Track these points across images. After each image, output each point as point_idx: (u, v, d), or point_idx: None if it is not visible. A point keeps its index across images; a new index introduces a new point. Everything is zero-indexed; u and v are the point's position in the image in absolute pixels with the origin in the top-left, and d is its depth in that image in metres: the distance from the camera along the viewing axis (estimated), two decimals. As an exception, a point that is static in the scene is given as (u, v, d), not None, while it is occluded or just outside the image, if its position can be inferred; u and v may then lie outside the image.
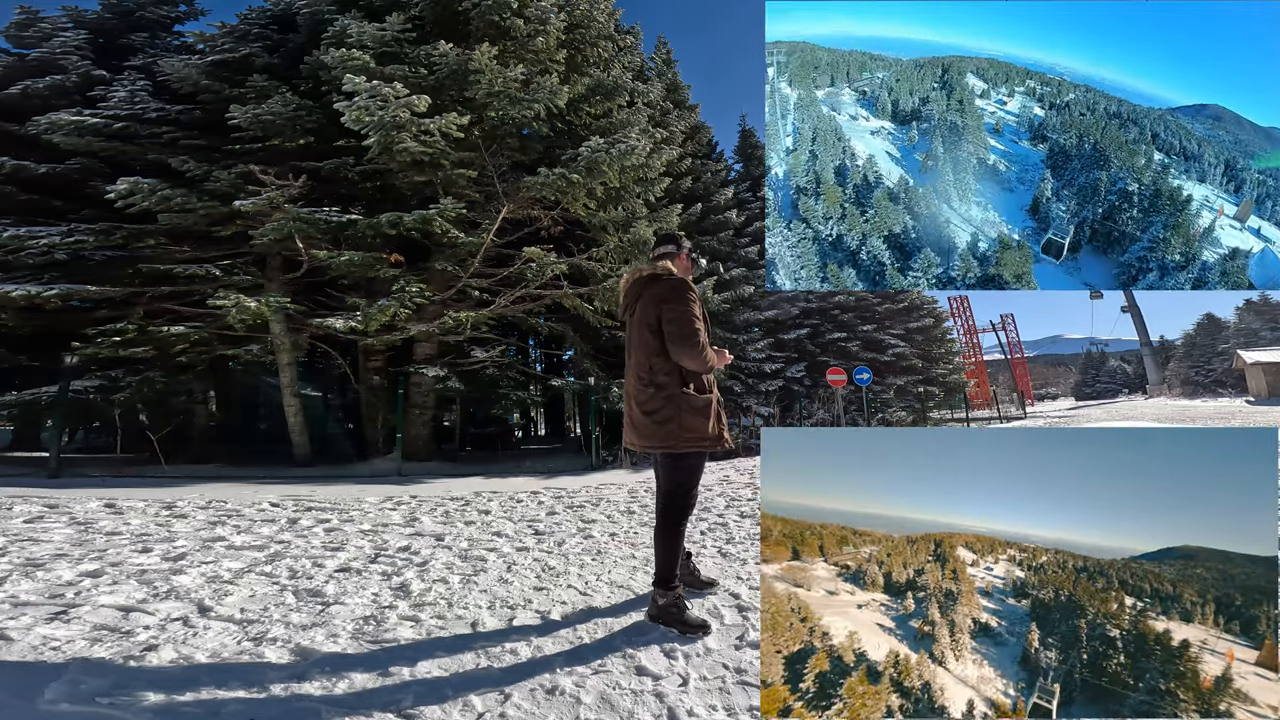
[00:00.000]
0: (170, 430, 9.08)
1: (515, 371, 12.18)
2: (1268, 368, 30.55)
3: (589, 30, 10.21)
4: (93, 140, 8.64)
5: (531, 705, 1.69)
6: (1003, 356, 54.82)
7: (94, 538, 3.60)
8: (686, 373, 2.32)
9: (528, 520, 4.63)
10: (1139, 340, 52.55)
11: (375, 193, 9.58)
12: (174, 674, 1.82)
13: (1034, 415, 33.09)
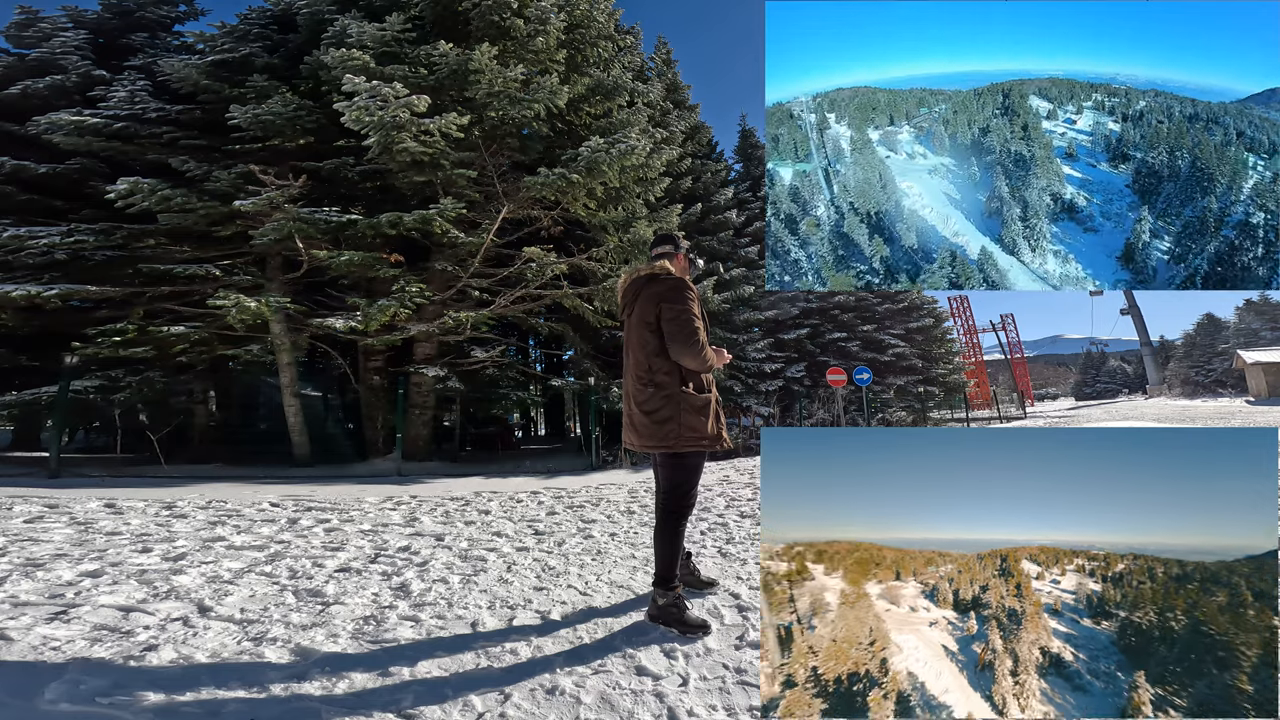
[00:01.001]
0: (170, 430, 9.08)
1: (515, 371, 12.18)
2: (1268, 368, 30.54)
3: (589, 30, 10.20)
4: (93, 140, 8.64)
5: (531, 705, 1.69)
6: (1002, 357, 54.85)
7: (94, 538, 3.60)
8: (686, 372, 2.32)
9: (528, 520, 4.63)
10: (1138, 341, 52.61)
11: (375, 193, 9.58)
12: (174, 674, 1.82)
13: (1034, 415, 33.09)
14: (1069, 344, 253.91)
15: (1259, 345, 34.95)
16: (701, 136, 16.63)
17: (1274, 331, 36.10)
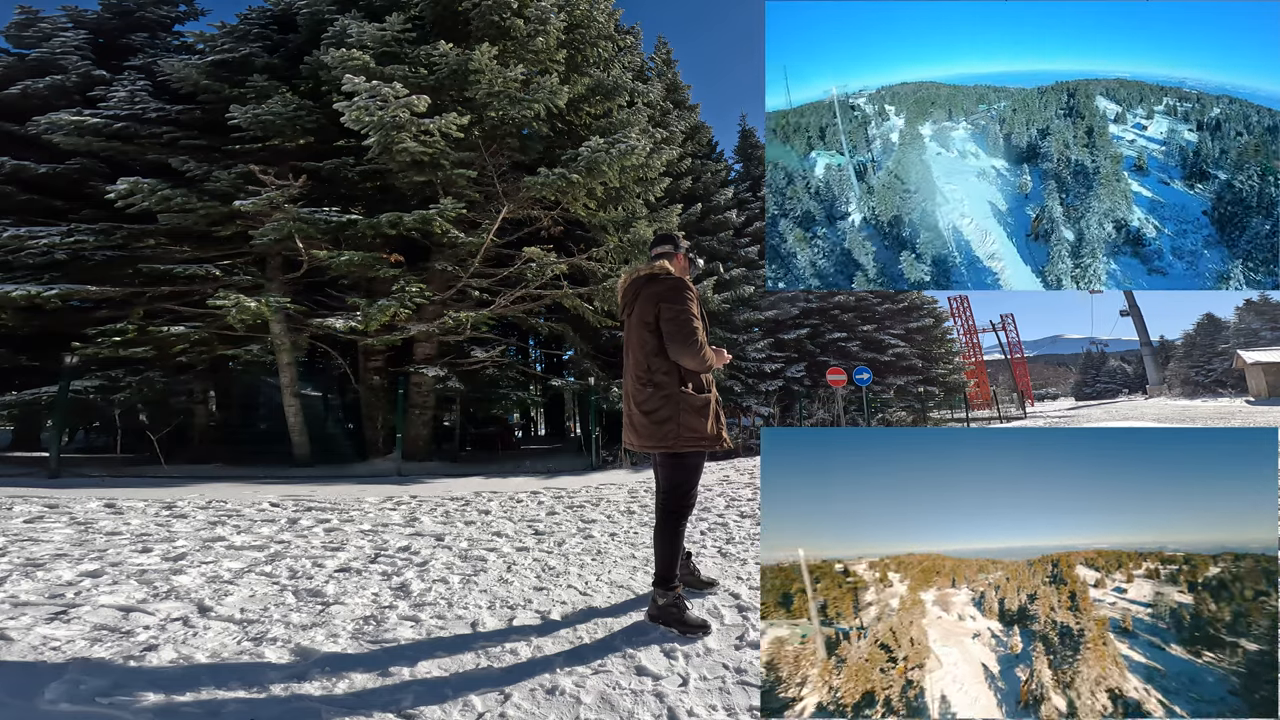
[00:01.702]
0: (170, 430, 9.09)
1: (515, 371, 12.18)
2: (1268, 368, 30.54)
3: (589, 30, 10.20)
4: (93, 140, 8.64)
5: (531, 705, 1.69)
6: (1002, 357, 54.86)
7: (94, 538, 3.60)
8: (685, 372, 2.32)
9: (528, 520, 4.63)
10: (1139, 342, 52.62)
11: (375, 193, 9.58)
12: (174, 674, 1.82)
13: (1034, 415, 33.09)
14: (1069, 344, 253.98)
15: (1259, 345, 34.95)
16: (701, 136, 16.63)
17: (1274, 331, 36.12)
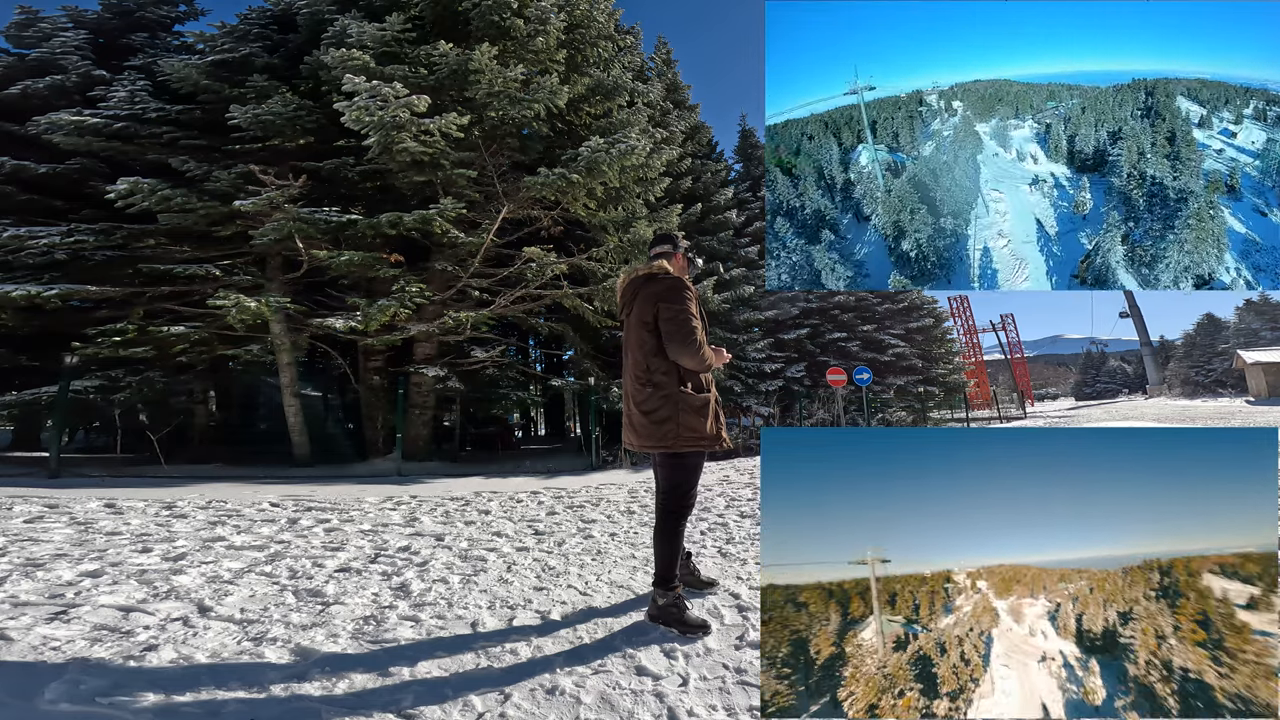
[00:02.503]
0: (170, 430, 9.09)
1: (515, 371, 12.19)
2: (1268, 368, 30.54)
3: (589, 30, 10.20)
4: (93, 140, 8.64)
5: (531, 705, 1.69)
6: (1002, 357, 54.85)
7: (94, 538, 3.60)
8: (684, 372, 2.32)
9: (528, 520, 4.63)
10: (1139, 342, 52.65)
11: (375, 193, 9.58)
12: (174, 674, 1.82)
13: (1035, 416, 33.09)
14: (1069, 344, 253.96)
15: (1259, 345, 34.95)
16: (701, 136, 16.63)
17: (1274, 331, 36.12)
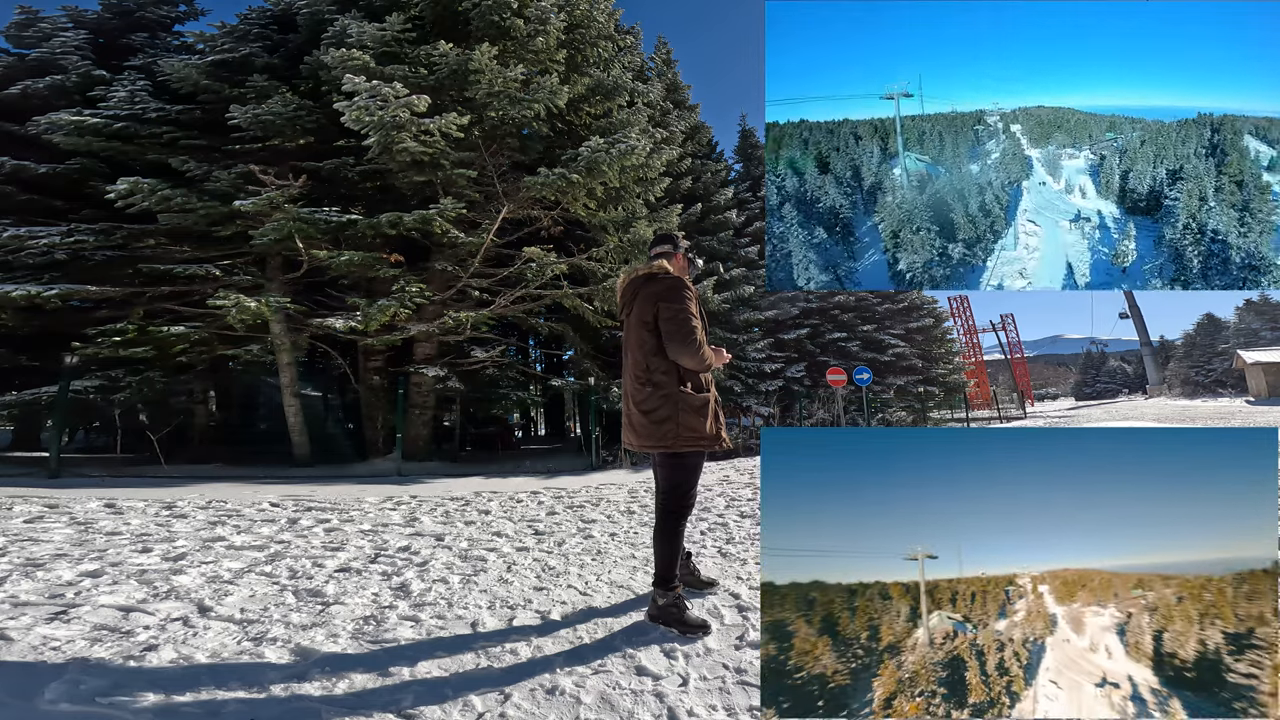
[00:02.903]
0: (170, 430, 9.09)
1: (515, 371, 12.19)
2: (1268, 368, 30.55)
3: (589, 30, 10.20)
4: (93, 140, 8.64)
5: (531, 705, 1.69)
6: (1002, 357, 54.85)
7: (94, 538, 3.60)
8: (684, 371, 2.32)
9: (528, 520, 4.63)
10: (1139, 342, 52.66)
11: (375, 193, 9.58)
12: (174, 674, 1.82)
13: (1035, 416, 33.09)
14: (1069, 344, 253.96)
15: (1259, 345, 34.95)
16: (701, 136, 16.63)
17: (1274, 332, 36.12)
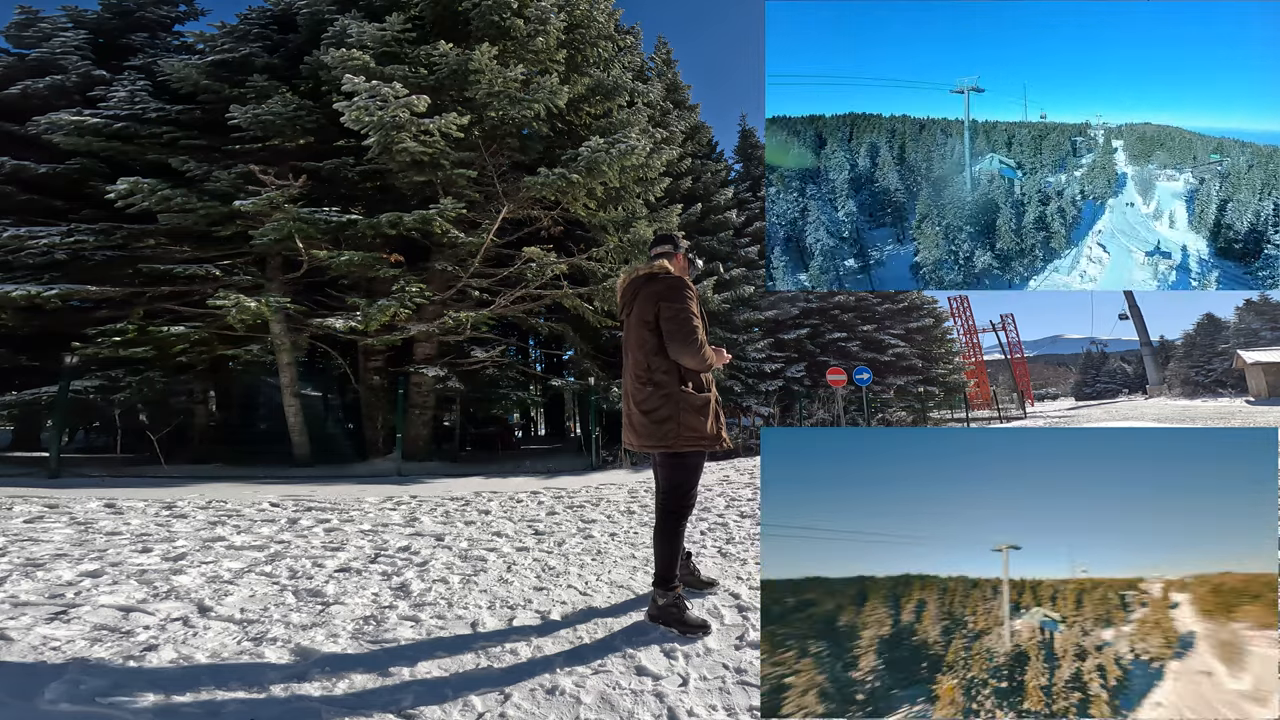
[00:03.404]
0: (170, 430, 9.08)
1: (515, 371, 12.19)
2: (1268, 368, 30.55)
3: (589, 30, 10.20)
4: (93, 140, 8.64)
5: (531, 705, 1.69)
6: (1002, 357, 54.84)
7: (94, 538, 3.60)
8: (685, 371, 2.32)
9: (528, 520, 4.63)
10: (1139, 342, 52.66)
11: (375, 193, 9.58)
12: (174, 674, 1.82)
13: (1035, 416, 33.09)
14: (1069, 344, 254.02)
15: (1259, 345, 34.95)
16: (701, 136, 16.63)
17: (1274, 332, 36.12)
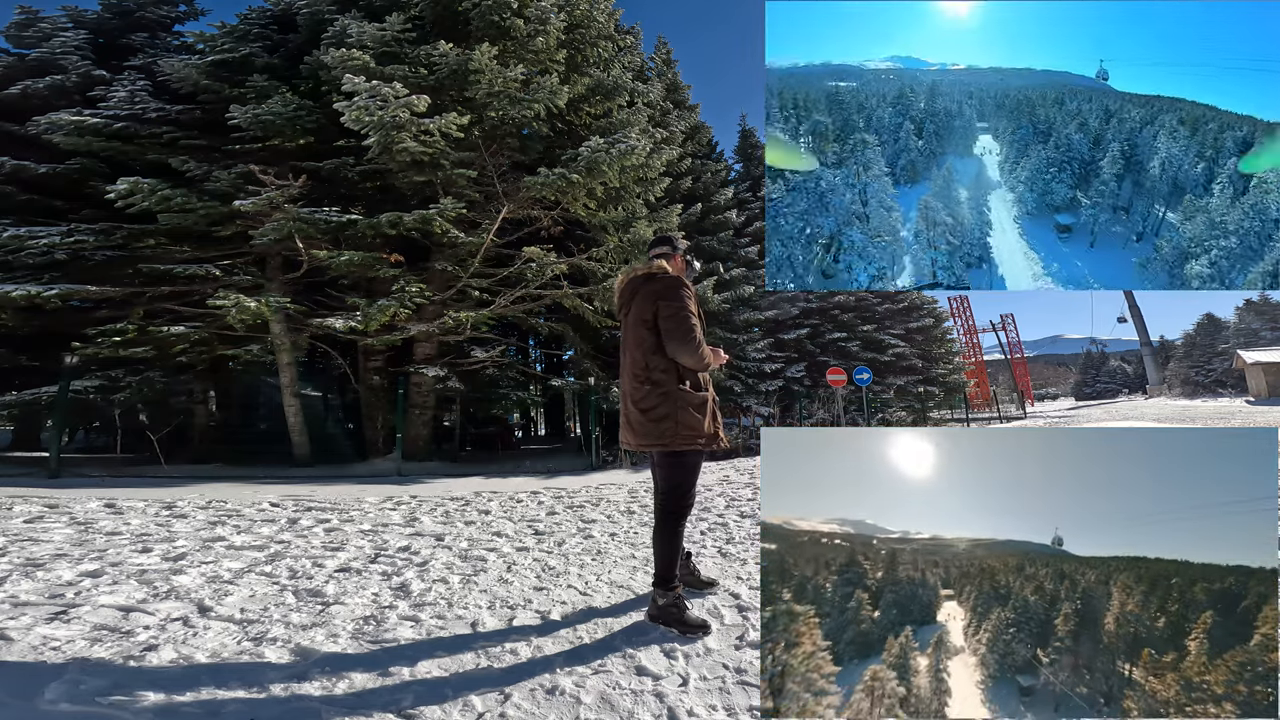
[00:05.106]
0: (170, 430, 9.08)
1: (515, 371, 12.19)
2: (1268, 368, 30.55)
3: (589, 30, 10.21)
4: (93, 140, 8.64)
5: (531, 705, 1.69)
6: (1002, 357, 54.82)
7: (94, 538, 3.60)
8: (683, 370, 2.32)
9: (528, 520, 4.63)
10: (1139, 342, 52.65)
11: (375, 193, 9.58)
12: (174, 674, 1.82)
13: (1035, 416, 33.09)
14: (1069, 344, 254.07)
15: (1259, 345, 34.95)
16: (701, 136, 16.63)
17: (1274, 331, 36.12)
